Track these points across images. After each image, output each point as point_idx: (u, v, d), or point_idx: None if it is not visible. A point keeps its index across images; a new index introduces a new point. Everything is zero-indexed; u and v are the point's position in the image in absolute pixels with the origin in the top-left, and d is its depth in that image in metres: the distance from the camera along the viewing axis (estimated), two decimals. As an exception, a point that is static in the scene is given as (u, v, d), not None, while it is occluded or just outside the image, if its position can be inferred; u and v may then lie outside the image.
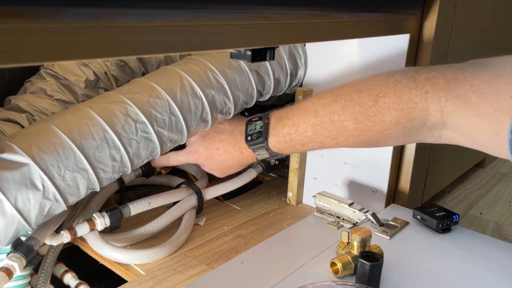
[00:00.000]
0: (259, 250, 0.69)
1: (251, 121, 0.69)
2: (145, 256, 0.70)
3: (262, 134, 0.65)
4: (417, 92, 0.52)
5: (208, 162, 0.75)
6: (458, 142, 0.53)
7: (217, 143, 0.73)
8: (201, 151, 0.74)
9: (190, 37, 0.37)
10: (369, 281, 0.55)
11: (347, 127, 0.57)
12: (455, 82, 0.50)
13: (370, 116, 0.55)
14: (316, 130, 0.60)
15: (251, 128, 0.68)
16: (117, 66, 0.84)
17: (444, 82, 0.51)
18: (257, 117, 0.68)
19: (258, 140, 0.66)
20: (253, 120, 0.69)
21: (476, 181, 1.22)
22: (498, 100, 0.45)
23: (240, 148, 0.70)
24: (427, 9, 0.74)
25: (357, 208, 0.75)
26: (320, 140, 0.61)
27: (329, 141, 0.60)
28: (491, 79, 0.47)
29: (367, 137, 0.57)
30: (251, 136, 0.67)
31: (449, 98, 0.50)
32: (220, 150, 0.72)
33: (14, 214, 0.56)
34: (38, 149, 0.58)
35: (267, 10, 0.43)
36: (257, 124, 0.67)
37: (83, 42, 0.30)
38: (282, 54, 0.83)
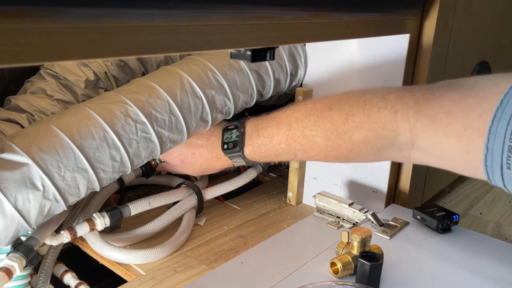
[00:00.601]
0: (259, 250, 0.69)
1: (228, 129, 0.70)
2: (145, 256, 0.70)
3: (238, 143, 0.67)
4: (386, 111, 0.52)
5: (182, 165, 0.77)
6: (427, 163, 0.54)
7: (193, 148, 0.74)
8: (176, 154, 0.76)
9: (190, 37, 0.37)
10: (369, 281, 0.55)
11: (318, 143, 0.58)
12: (425, 102, 0.50)
13: (340, 134, 0.56)
14: (289, 143, 0.61)
15: (227, 136, 0.70)
16: (117, 66, 0.84)
17: (413, 102, 0.51)
18: (233, 125, 0.70)
19: (234, 150, 0.68)
20: (229, 128, 0.70)
21: (476, 181, 1.21)
22: (467, 119, 0.46)
23: (217, 154, 0.72)
24: (427, 9, 0.74)
25: (357, 208, 0.75)
26: (293, 152, 0.62)
27: (301, 154, 0.62)
28: (460, 99, 0.48)
29: (338, 154, 0.58)
30: (227, 145, 0.69)
31: (418, 118, 0.50)
32: (196, 155, 0.74)
33: (14, 214, 0.56)
34: (38, 149, 0.58)
35: (267, 10, 0.43)
36: (233, 132, 0.69)
37: (83, 42, 0.30)
38: (282, 54, 0.83)
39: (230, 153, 0.69)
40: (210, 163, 0.74)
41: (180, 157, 0.76)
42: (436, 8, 0.73)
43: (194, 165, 0.75)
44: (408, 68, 0.75)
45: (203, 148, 0.74)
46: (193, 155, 0.74)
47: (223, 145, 0.70)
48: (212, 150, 0.73)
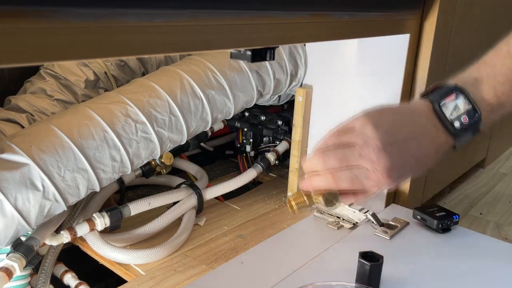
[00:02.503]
0: (259, 250, 0.69)
1: (445, 102, 0.49)
2: (145, 256, 0.70)
3: (474, 112, 0.48)
4: None
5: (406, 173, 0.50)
6: None
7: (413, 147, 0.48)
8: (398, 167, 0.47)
9: (190, 37, 0.37)
10: (369, 281, 0.54)
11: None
12: None
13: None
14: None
15: (451, 111, 0.48)
16: (117, 66, 0.84)
17: None
18: (451, 93, 0.49)
19: (471, 122, 0.48)
20: (448, 100, 0.49)
21: (476, 181, 1.22)
22: None
23: (441, 142, 0.49)
24: (427, 9, 0.74)
25: (357, 208, 0.75)
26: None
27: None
28: None
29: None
30: (459, 120, 0.48)
31: None
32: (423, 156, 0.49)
33: (14, 214, 0.56)
34: (38, 149, 0.58)
35: (267, 10, 0.43)
36: (457, 102, 0.48)
37: (83, 42, 0.30)
38: (282, 54, 0.83)
39: (467, 130, 0.48)
40: (435, 157, 0.50)
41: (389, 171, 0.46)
42: (436, 8, 0.73)
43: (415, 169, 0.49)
44: (408, 68, 0.75)
45: (425, 137, 0.49)
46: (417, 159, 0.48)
47: (453, 123, 0.48)
48: (438, 136, 0.49)
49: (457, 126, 0.48)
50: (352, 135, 0.47)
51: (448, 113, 0.48)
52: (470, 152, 1.14)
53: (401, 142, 0.47)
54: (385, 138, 0.46)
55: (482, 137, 1.18)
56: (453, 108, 0.48)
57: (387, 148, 0.46)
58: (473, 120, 0.48)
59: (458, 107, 0.48)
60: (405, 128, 0.48)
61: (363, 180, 0.46)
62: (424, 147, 0.48)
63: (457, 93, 0.48)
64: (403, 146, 0.47)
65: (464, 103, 0.48)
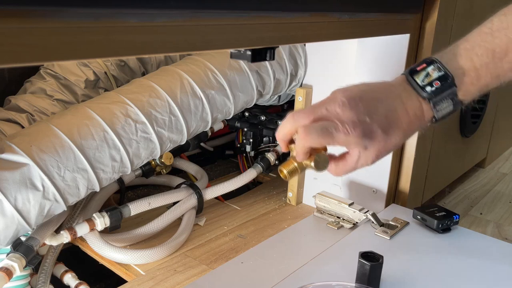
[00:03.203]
0: (259, 250, 0.69)
1: (416, 71, 0.50)
2: (145, 256, 0.70)
3: (448, 76, 0.48)
4: None
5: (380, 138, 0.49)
6: None
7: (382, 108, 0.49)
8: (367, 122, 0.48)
9: (190, 37, 0.37)
10: (369, 281, 0.54)
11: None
12: None
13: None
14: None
15: (423, 78, 0.50)
16: (117, 66, 0.84)
17: None
18: (422, 63, 0.50)
19: (444, 86, 0.48)
20: (418, 69, 0.50)
21: (476, 181, 1.22)
22: None
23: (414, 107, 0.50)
24: (427, 9, 0.74)
25: (357, 208, 0.75)
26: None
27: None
28: None
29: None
30: (430, 85, 0.49)
31: None
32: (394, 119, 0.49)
33: (14, 214, 0.56)
34: (38, 150, 0.58)
35: (267, 10, 0.43)
36: (428, 70, 0.49)
37: (83, 42, 0.30)
38: (282, 54, 0.83)
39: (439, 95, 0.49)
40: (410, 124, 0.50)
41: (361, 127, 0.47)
42: (436, 8, 0.73)
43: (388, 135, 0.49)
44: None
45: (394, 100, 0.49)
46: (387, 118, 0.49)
47: (425, 87, 0.49)
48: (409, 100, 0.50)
49: (429, 90, 0.49)
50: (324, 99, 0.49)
51: (419, 80, 0.49)
52: (470, 152, 1.14)
53: (368, 101, 0.48)
54: (351, 96, 0.48)
55: (482, 137, 1.18)
56: (425, 75, 0.49)
57: (351, 103, 0.47)
58: (447, 84, 0.49)
59: (429, 74, 0.49)
60: (374, 93, 0.49)
61: (333, 132, 0.47)
62: (394, 110, 0.49)
63: (428, 62, 0.50)
64: (371, 105, 0.48)
65: (435, 70, 0.49)
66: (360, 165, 0.50)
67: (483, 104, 1.07)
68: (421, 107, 0.50)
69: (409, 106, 0.49)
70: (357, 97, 0.48)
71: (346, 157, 0.50)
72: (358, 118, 0.47)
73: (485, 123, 1.14)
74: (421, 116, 0.50)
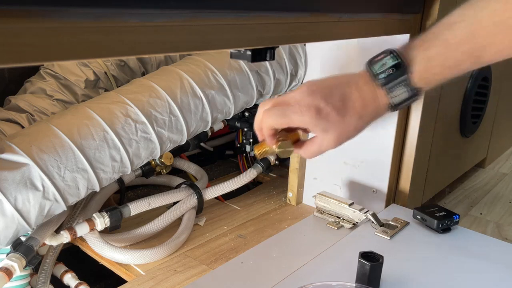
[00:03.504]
0: (259, 250, 0.69)
1: (374, 61, 0.53)
2: (145, 256, 0.70)
3: (401, 64, 0.51)
4: None
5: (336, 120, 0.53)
6: None
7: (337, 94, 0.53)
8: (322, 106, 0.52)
9: (190, 37, 0.37)
10: (369, 281, 0.54)
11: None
12: None
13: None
14: (474, 41, 0.50)
15: (379, 67, 0.53)
16: (117, 66, 0.84)
17: None
18: (381, 54, 0.54)
19: (396, 73, 0.51)
20: (377, 59, 0.53)
21: (476, 181, 1.22)
22: None
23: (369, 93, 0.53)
24: (427, 9, 0.74)
25: (357, 208, 0.75)
26: (479, 53, 0.51)
27: (489, 51, 0.50)
28: None
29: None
30: (384, 73, 0.52)
31: None
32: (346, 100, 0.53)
33: (14, 214, 0.56)
34: (38, 150, 0.58)
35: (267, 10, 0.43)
36: (385, 60, 0.53)
37: (83, 42, 0.30)
38: (282, 54, 0.83)
39: (391, 81, 0.52)
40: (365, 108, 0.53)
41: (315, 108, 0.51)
42: (436, 8, 0.73)
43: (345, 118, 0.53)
44: (408, 68, 0.75)
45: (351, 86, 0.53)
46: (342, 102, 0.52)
47: (378, 75, 0.52)
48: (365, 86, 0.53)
49: (382, 77, 0.52)
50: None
51: (376, 68, 0.53)
52: (470, 152, 1.14)
53: (325, 87, 0.53)
54: (312, 84, 0.53)
55: (482, 137, 1.18)
56: (381, 64, 0.53)
57: (309, 89, 0.52)
58: (399, 72, 0.52)
59: (385, 63, 0.53)
60: (334, 81, 0.54)
61: (290, 114, 0.52)
62: (349, 94, 0.53)
63: (387, 52, 0.53)
64: (327, 91, 0.53)
65: (390, 59, 0.52)
66: (325, 148, 0.55)
67: (483, 104, 1.07)
68: (375, 92, 0.53)
69: (364, 91, 0.53)
70: (316, 84, 0.53)
71: (313, 140, 0.55)
72: (313, 102, 0.51)
73: (485, 123, 1.14)
74: (376, 101, 0.53)
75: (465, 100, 0.97)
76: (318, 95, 0.52)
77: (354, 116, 0.53)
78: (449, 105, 0.92)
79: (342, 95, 0.53)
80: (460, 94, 0.96)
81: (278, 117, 0.53)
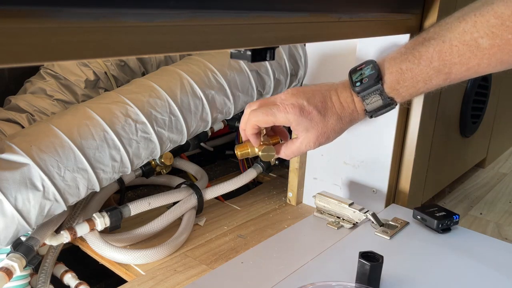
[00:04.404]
0: (259, 250, 0.69)
1: (356, 70, 0.59)
2: (145, 256, 0.70)
3: (375, 75, 0.57)
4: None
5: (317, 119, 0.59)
6: None
7: (319, 96, 0.59)
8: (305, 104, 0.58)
9: (190, 37, 0.37)
10: (369, 281, 0.54)
11: (481, 46, 0.51)
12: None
13: (510, 27, 0.48)
14: (443, 58, 0.53)
15: (357, 76, 0.58)
16: (117, 66, 0.84)
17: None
18: (362, 64, 0.59)
19: (370, 83, 0.57)
20: (358, 69, 0.59)
21: (476, 181, 1.21)
22: None
23: (347, 98, 0.59)
24: (427, 9, 0.74)
25: (357, 208, 0.75)
26: (447, 70, 0.54)
27: (457, 69, 0.54)
28: None
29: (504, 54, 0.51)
30: (360, 82, 0.57)
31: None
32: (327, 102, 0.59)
33: (14, 214, 0.56)
34: (38, 149, 0.58)
35: (267, 10, 0.43)
36: (364, 70, 0.58)
37: (83, 42, 0.30)
38: (282, 54, 0.83)
39: (366, 89, 0.57)
40: (343, 110, 0.59)
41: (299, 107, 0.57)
42: (436, 8, 0.73)
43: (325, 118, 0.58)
44: (408, 68, 0.75)
45: (330, 91, 0.59)
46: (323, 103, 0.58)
47: (355, 83, 0.58)
48: (344, 91, 0.59)
49: (358, 85, 0.58)
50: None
51: (354, 77, 0.59)
52: (470, 152, 1.14)
53: (308, 91, 0.58)
54: (296, 88, 0.59)
55: (482, 137, 1.18)
56: (360, 73, 0.58)
57: (294, 92, 0.58)
58: (372, 81, 0.57)
59: (364, 72, 0.58)
60: (317, 87, 0.60)
61: (275, 112, 0.57)
62: (330, 98, 0.59)
63: (368, 63, 0.58)
64: (310, 94, 0.58)
65: (368, 69, 0.58)
66: (305, 148, 0.59)
67: (483, 104, 1.07)
68: (352, 98, 0.59)
69: (342, 96, 0.59)
70: (300, 89, 0.59)
71: (293, 141, 0.60)
72: (297, 101, 0.57)
73: (485, 123, 1.14)
74: (353, 106, 0.59)
75: (465, 100, 0.97)
76: (302, 96, 0.58)
77: (333, 116, 0.58)
78: (449, 105, 0.92)
79: (323, 97, 0.58)
80: (460, 94, 0.96)
81: (264, 115, 0.57)
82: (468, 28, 0.52)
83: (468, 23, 0.52)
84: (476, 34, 0.51)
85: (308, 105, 0.57)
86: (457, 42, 0.52)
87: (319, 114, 0.57)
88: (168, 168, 0.93)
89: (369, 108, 0.59)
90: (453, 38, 0.53)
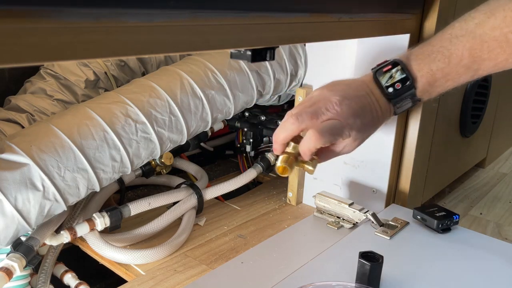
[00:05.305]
0: (259, 250, 0.69)
1: (382, 72, 0.58)
2: (145, 256, 0.70)
3: (408, 79, 0.56)
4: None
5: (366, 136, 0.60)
6: None
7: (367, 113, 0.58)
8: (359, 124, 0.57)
9: (190, 37, 0.37)
10: (369, 281, 0.54)
11: (511, 41, 0.51)
12: None
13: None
14: (473, 55, 0.53)
15: (387, 79, 0.57)
16: (117, 66, 0.84)
17: None
18: (388, 65, 0.58)
19: (404, 88, 0.56)
20: (385, 70, 0.58)
21: (476, 181, 1.21)
22: None
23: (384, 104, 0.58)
24: (427, 9, 0.74)
25: (357, 208, 0.75)
26: (477, 66, 0.54)
27: (487, 64, 0.53)
28: None
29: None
30: (393, 87, 0.57)
31: None
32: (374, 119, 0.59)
33: (14, 214, 0.56)
34: (38, 149, 0.58)
35: (267, 10, 0.43)
36: (393, 72, 0.57)
37: (83, 42, 0.30)
38: (282, 54, 0.83)
39: (399, 95, 0.57)
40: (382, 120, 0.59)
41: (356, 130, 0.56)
42: (436, 8, 0.73)
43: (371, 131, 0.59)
44: (408, 68, 0.75)
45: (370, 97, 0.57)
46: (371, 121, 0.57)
47: (387, 88, 0.57)
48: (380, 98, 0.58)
49: (391, 91, 0.57)
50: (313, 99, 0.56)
51: (383, 81, 0.57)
52: (470, 152, 1.14)
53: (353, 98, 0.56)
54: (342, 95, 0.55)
55: (482, 137, 1.18)
56: (389, 77, 0.57)
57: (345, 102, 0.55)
58: (407, 87, 0.56)
59: (393, 76, 0.57)
60: (355, 91, 0.57)
61: (343, 131, 0.54)
62: (366, 105, 0.57)
63: (393, 65, 0.57)
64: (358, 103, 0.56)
65: (398, 71, 0.57)
66: (344, 153, 0.58)
67: (483, 104, 1.07)
68: (385, 105, 0.58)
69: (381, 104, 0.58)
70: (345, 96, 0.55)
71: (333, 147, 0.58)
72: (353, 115, 0.55)
73: (485, 123, 1.14)
74: (387, 111, 0.59)
75: (465, 100, 0.98)
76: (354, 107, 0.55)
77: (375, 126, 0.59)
78: (449, 105, 0.92)
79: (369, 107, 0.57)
80: (460, 94, 0.96)
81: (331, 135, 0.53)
82: (498, 24, 0.51)
83: (498, 19, 0.51)
84: (506, 29, 0.51)
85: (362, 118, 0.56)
86: (488, 38, 0.52)
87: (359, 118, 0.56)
88: (168, 168, 0.93)
89: (398, 111, 0.60)
90: (483, 34, 0.52)
